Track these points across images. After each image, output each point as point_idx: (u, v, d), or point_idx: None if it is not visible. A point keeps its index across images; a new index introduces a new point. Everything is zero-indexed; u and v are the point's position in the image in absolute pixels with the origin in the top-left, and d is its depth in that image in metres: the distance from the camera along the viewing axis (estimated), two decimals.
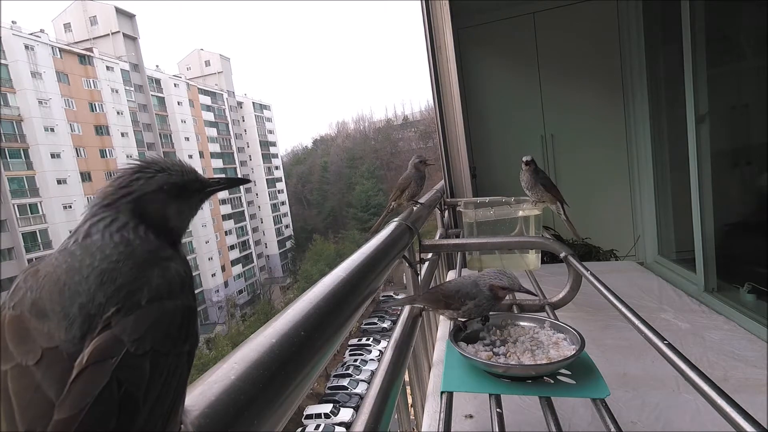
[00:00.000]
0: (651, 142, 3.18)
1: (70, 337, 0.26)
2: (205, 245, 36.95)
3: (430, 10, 2.82)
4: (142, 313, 0.28)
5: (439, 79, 2.88)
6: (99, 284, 0.28)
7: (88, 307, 0.27)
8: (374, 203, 47.22)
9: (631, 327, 0.86)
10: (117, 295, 0.28)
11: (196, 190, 0.37)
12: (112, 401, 0.24)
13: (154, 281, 0.29)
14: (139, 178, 0.33)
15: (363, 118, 68.92)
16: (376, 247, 0.99)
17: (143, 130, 33.32)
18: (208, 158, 39.80)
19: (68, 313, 0.27)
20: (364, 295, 0.80)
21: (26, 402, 0.23)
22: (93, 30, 33.39)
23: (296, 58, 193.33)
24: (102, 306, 0.27)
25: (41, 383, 0.24)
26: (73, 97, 28.39)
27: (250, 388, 0.39)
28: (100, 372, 0.25)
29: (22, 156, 25.13)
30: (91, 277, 0.28)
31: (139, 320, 0.27)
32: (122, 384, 0.25)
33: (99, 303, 0.27)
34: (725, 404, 0.54)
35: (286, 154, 71.58)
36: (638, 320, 0.85)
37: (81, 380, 0.24)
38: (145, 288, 0.29)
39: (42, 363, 0.25)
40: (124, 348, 0.26)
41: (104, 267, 0.29)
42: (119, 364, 0.25)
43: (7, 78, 24.77)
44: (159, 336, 0.27)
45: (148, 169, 0.34)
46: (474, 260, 1.95)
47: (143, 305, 0.28)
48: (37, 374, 0.24)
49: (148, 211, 0.33)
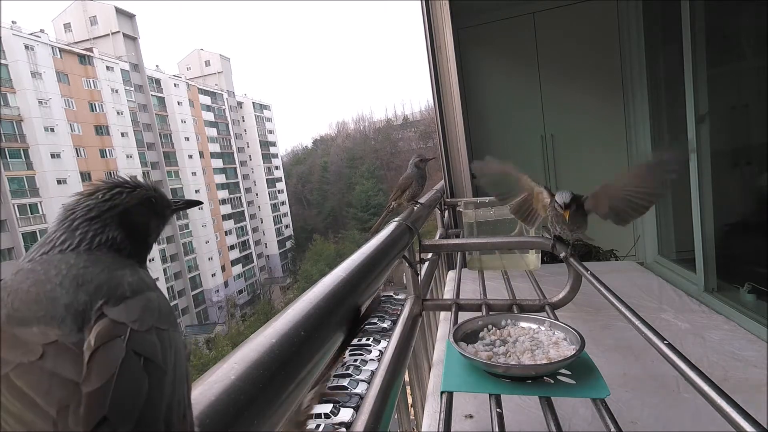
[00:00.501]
0: (651, 142, 3.18)
1: (66, 331, 0.26)
2: (205, 245, 36.96)
3: (430, 10, 2.82)
4: (131, 302, 0.28)
5: (439, 79, 2.88)
6: (76, 286, 0.28)
7: (74, 306, 0.27)
8: (374, 203, 47.23)
9: (631, 327, 0.86)
10: (99, 291, 0.28)
11: (166, 206, 0.39)
12: (137, 366, 0.25)
13: (127, 279, 0.30)
14: (122, 191, 0.34)
15: (363, 118, 69.05)
16: (376, 247, 0.99)
17: (143, 130, 33.33)
18: (208, 158, 39.81)
19: (55, 314, 0.26)
20: (364, 295, 0.80)
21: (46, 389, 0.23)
22: (93, 30, 33.41)
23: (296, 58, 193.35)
24: (88, 302, 0.27)
25: (55, 370, 0.24)
26: (73, 97, 28.40)
27: (250, 388, 0.39)
28: (114, 347, 0.25)
29: (22, 156, 25.14)
30: (65, 282, 0.28)
31: (130, 307, 0.28)
32: (139, 354, 0.25)
33: (84, 301, 0.27)
34: (725, 404, 0.54)
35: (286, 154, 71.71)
36: (638, 320, 0.85)
37: (98, 356, 0.24)
38: (125, 284, 0.29)
39: (47, 356, 0.24)
40: (127, 327, 0.26)
41: (74, 273, 0.29)
42: (129, 339, 0.26)
43: (7, 78, 24.78)
44: (154, 316, 0.28)
45: (126, 184, 0.35)
46: (474, 260, 1.95)
47: (128, 296, 0.28)
48: (46, 365, 0.24)
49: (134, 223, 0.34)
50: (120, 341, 0.25)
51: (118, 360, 0.24)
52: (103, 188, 0.34)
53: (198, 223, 36.74)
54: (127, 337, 0.26)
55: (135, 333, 0.26)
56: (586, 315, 1.70)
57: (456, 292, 1.37)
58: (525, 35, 3.56)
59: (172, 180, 35.58)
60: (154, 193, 0.37)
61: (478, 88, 3.68)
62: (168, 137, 36.31)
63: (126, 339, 0.26)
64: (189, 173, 36.95)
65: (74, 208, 0.33)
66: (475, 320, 0.92)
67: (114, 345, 0.25)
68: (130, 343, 0.26)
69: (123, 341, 0.25)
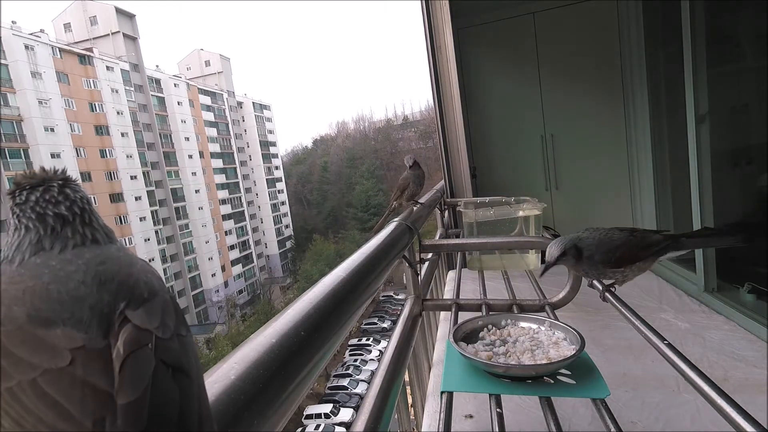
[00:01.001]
0: (651, 142, 3.18)
1: (93, 336, 0.25)
2: (205, 245, 36.95)
3: (430, 10, 2.82)
4: (150, 306, 0.28)
5: (439, 79, 2.88)
6: (99, 284, 0.28)
7: (99, 307, 0.27)
8: (374, 203, 47.21)
9: (631, 327, 0.86)
10: (120, 291, 0.28)
11: None
12: (167, 377, 0.25)
13: (141, 278, 0.30)
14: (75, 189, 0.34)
15: (363, 118, 68.91)
16: (376, 247, 0.99)
17: (143, 130, 33.30)
18: (208, 158, 39.80)
19: (81, 316, 0.26)
20: (364, 295, 0.80)
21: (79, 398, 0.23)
22: (93, 30, 33.38)
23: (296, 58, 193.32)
24: (111, 303, 0.27)
25: (86, 378, 0.23)
26: (73, 97, 28.38)
27: (250, 388, 0.39)
28: (143, 357, 0.25)
29: (22, 156, 25.12)
30: (87, 280, 0.28)
31: (150, 312, 0.28)
32: (167, 363, 0.26)
33: (108, 301, 0.27)
34: (725, 404, 0.54)
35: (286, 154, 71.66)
36: (638, 320, 0.85)
37: (129, 367, 0.24)
38: (141, 284, 0.30)
39: (76, 363, 0.24)
40: (152, 335, 0.26)
41: (95, 270, 0.29)
42: (156, 348, 0.26)
43: (7, 78, 24.77)
44: (173, 321, 0.29)
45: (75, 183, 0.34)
46: (474, 260, 1.95)
47: (147, 298, 0.29)
48: (77, 372, 0.24)
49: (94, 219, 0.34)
50: (148, 350, 0.25)
51: (150, 370, 0.24)
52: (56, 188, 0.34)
53: (198, 223, 36.72)
54: (154, 345, 0.26)
55: (160, 341, 0.27)
56: (586, 315, 1.70)
57: (456, 292, 1.37)
58: (525, 35, 3.56)
59: (172, 180, 35.58)
60: None
61: (478, 88, 3.68)
62: (168, 137, 36.29)
63: (153, 347, 0.26)
64: (189, 173, 36.93)
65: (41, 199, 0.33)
66: (475, 320, 0.92)
67: (143, 354, 0.25)
68: (158, 351, 0.26)
69: (151, 350, 0.26)
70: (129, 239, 29.57)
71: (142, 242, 30.47)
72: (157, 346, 0.26)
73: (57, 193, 0.32)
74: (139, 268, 0.31)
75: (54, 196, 0.32)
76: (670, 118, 3.03)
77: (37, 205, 0.31)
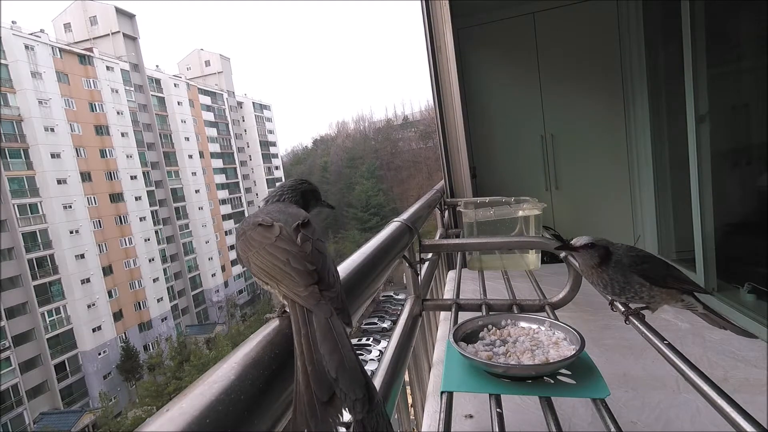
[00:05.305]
0: (651, 142, 3.19)
1: (289, 229, 0.55)
2: (205, 245, 36.96)
3: (430, 10, 2.82)
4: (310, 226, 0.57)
5: (439, 79, 2.88)
6: (288, 214, 0.59)
7: (288, 221, 0.56)
8: (374, 203, 47.21)
9: (630, 327, 0.86)
10: (295, 218, 0.57)
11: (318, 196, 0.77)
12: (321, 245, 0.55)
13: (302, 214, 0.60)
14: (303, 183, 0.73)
15: (363, 118, 68.93)
16: (376, 247, 0.99)
17: (143, 130, 33.29)
18: (208, 158, 39.80)
19: (286, 220, 0.56)
20: (364, 295, 0.80)
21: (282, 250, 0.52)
22: (93, 30, 33.37)
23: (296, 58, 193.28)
24: (290, 222, 0.56)
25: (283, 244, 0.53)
26: (73, 97, 28.37)
27: (250, 388, 0.39)
28: (309, 243, 0.53)
29: (22, 156, 25.10)
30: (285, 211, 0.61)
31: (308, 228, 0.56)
32: (318, 250, 0.53)
33: (290, 221, 0.57)
34: (725, 404, 0.54)
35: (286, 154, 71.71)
36: (638, 320, 0.85)
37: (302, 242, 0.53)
38: (302, 216, 0.59)
39: (282, 237, 0.54)
40: (311, 238, 0.54)
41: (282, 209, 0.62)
42: (313, 242, 0.54)
43: (7, 78, 24.74)
44: (318, 234, 0.56)
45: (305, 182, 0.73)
46: (474, 260, 1.95)
47: (307, 223, 0.57)
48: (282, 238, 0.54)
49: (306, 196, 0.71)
50: (310, 242, 0.53)
51: (311, 246, 0.53)
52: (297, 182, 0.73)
53: (198, 223, 36.73)
54: (312, 239, 0.54)
55: (315, 240, 0.54)
56: (586, 315, 1.70)
57: (456, 292, 1.37)
58: (525, 35, 3.57)
59: (172, 180, 35.59)
60: (314, 187, 0.74)
61: (478, 88, 3.69)
62: (168, 137, 36.28)
63: (312, 239, 0.54)
64: (189, 173, 36.94)
65: (283, 185, 0.71)
66: (475, 320, 0.92)
67: (309, 242, 0.53)
68: (314, 243, 0.54)
69: (312, 239, 0.54)
70: (129, 239, 29.57)
71: (142, 242, 30.44)
72: (313, 239, 0.54)
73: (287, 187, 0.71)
74: (300, 211, 0.62)
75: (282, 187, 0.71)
76: (670, 118, 3.03)
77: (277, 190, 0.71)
